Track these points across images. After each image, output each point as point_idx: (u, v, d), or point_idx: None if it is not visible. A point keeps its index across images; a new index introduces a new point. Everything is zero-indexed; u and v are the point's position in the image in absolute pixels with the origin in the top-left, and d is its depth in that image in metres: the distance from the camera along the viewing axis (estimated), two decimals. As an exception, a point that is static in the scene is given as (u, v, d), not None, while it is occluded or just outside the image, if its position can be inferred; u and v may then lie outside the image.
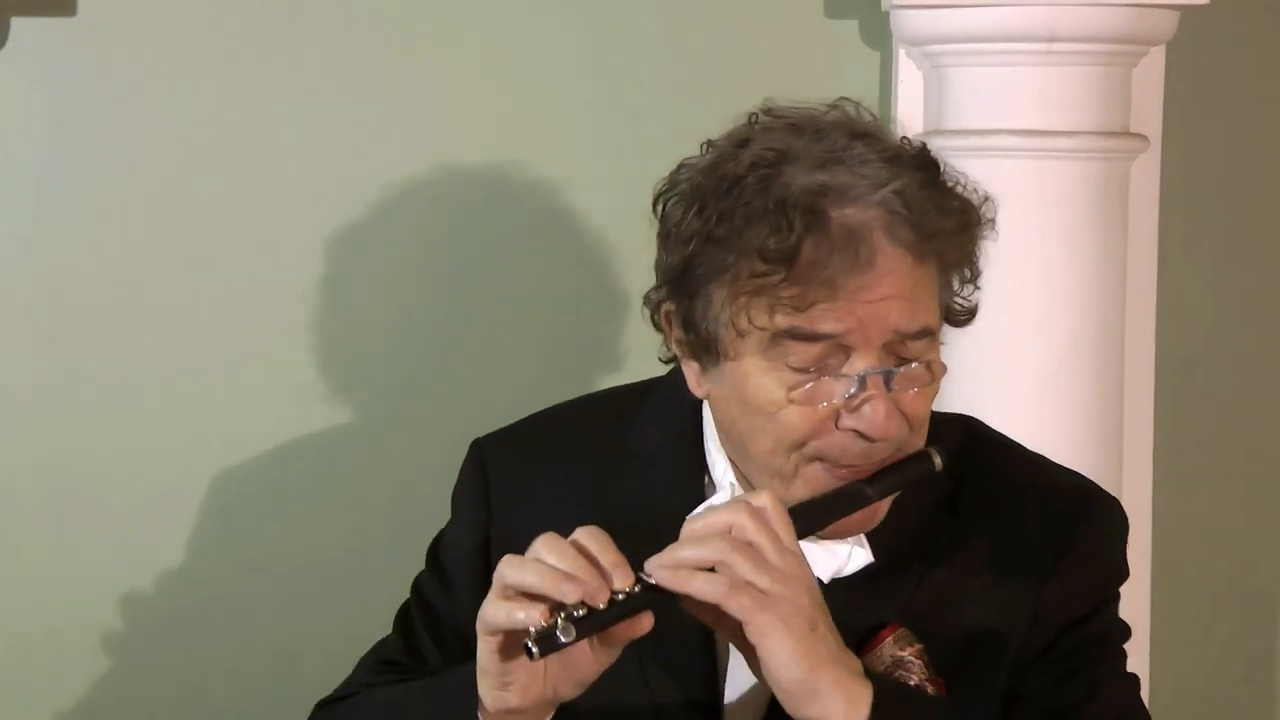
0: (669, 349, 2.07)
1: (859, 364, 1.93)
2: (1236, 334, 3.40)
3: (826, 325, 1.91)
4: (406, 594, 2.28)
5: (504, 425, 2.26)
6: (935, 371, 1.99)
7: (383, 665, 2.25)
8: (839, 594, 2.01)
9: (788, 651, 1.86)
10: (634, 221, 2.12)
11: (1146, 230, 3.20)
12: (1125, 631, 2.15)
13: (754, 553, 1.88)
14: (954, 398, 3.02)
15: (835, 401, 1.94)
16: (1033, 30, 2.95)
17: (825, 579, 2.03)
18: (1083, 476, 2.18)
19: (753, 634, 1.87)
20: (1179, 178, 3.27)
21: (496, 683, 1.92)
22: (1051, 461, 2.20)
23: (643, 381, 2.23)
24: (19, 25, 3.04)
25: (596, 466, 2.15)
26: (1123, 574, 2.15)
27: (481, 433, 2.26)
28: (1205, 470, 3.41)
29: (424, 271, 3.15)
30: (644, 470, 2.11)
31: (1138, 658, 3.21)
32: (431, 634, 2.21)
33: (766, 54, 3.14)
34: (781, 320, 1.92)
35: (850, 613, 2.01)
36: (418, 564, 2.28)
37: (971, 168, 2.95)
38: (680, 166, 2.02)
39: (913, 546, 2.06)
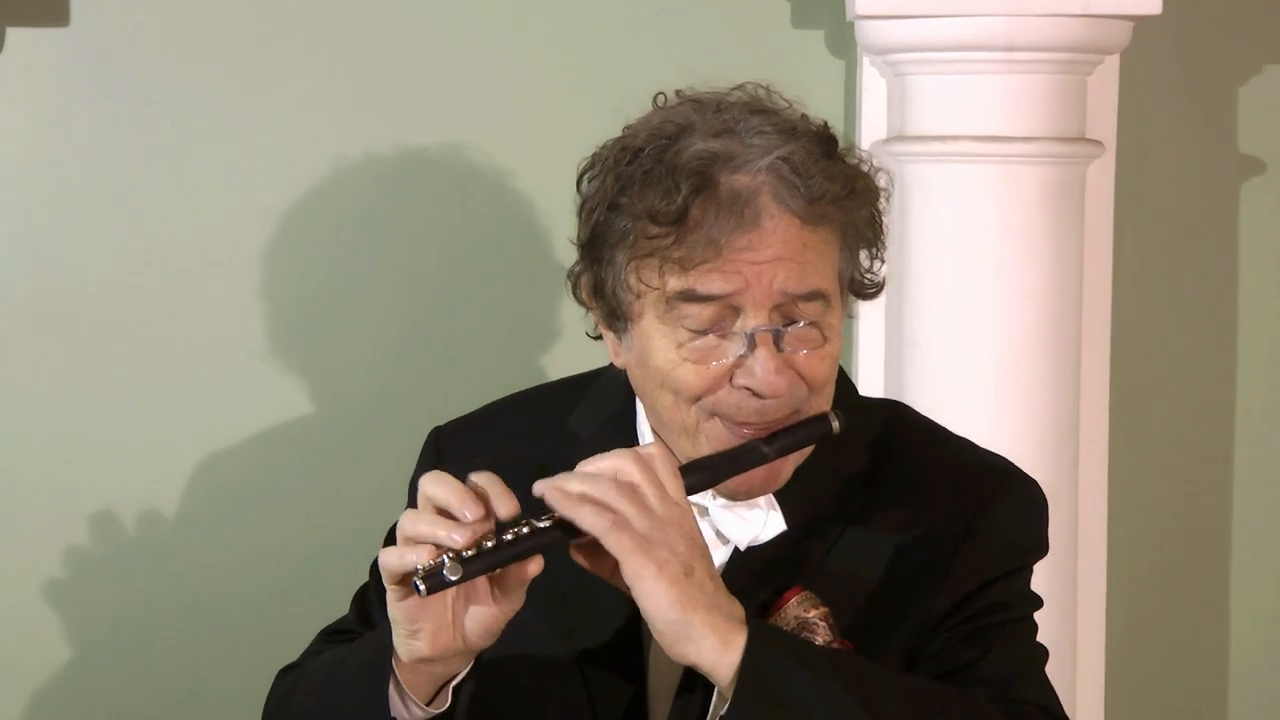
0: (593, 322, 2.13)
1: (749, 323, 1.98)
2: (1189, 333, 3.43)
3: (714, 286, 1.96)
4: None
5: (462, 414, 2.31)
6: (828, 335, 2.02)
7: (336, 634, 2.29)
8: (752, 561, 2.07)
9: (660, 593, 1.88)
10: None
11: (1102, 232, 3.22)
12: (1034, 601, 2.15)
13: (636, 496, 1.91)
14: (915, 396, 3.09)
15: (727, 360, 1.99)
16: (992, 40, 2.98)
17: (742, 546, 2.08)
18: (1003, 458, 2.20)
19: (628, 574, 1.89)
20: (1133, 182, 3.30)
21: (406, 631, 1.95)
22: (974, 444, 2.22)
23: (590, 371, 2.26)
24: (13, 35, 3.04)
25: (541, 451, 2.17)
26: (1034, 549, 2.16)
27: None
28: (1159, 465, 3.44)
29: (407, 273, 3.18)
30: (583, 452, 2.11)
31: (1093, 645, 3.27)
32: (384, 607, 2.18)
33: (734, 63, 3.01)
34: (673, 282, 1.98)
35: (761, 578, 2.06)
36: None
37: (933, 172, 3.06)
38: (601, 146, 2.08)
39: (825, 516, 2.09)
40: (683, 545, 1.91)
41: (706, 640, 1.90)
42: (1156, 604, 3.46)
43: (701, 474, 2.00)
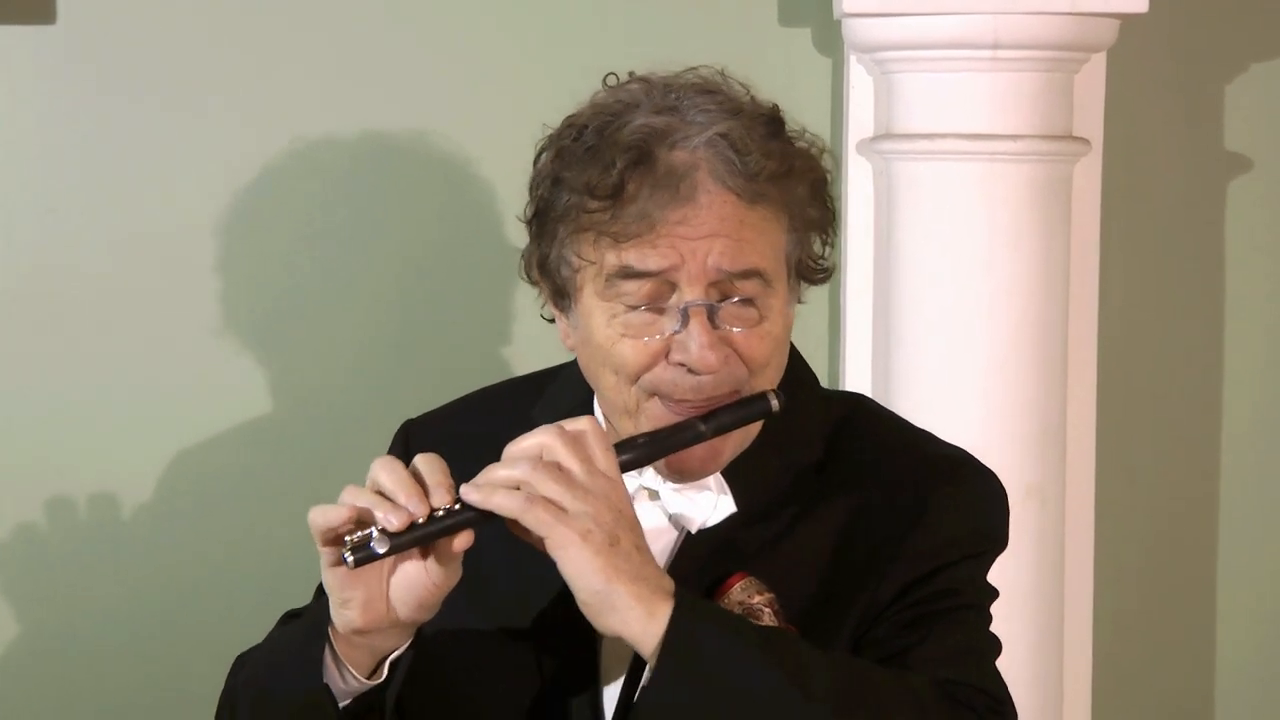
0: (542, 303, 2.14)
1: (684, 298, 1.98)
2: (1176, 330, 3.43)
3: (649, 262, 1.97)
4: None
5: (433, 407, 2.33)
6: (766, 314, 2.02)
7: (292, 616, 2.30)
8: (702, 543, 2.08)
9: (583, 562, 1.88)
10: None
11: (1088, 230, 3.23)
12: (985, 590, 2.13)
13: (559, 472, 1.91)
14: (901, 393, 3.10)
15: (664, 335, 1.99)
16: (978, 38, 2.98)
17: (693, 530, 2.08)
18: (962, 449, 2.18)
19: (551, 548, 1.89)
20: (1120, 179, 3.30)
21: (338, 600, 1.97)
22: (934, 436, 2.21)
23: (558, 365, 2.26)
24: (0, 33, 3.04)
25: (504, 442, 2.15)
26: (988, 538, 2.13)
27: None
28: (1146, 463, 3.44)
29: (388, 268, 3.18)
30: None
31: (1080, 645, 3.28)
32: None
33: (720, 61, 3.01)
34: (610, 257, 1.99)
35: (710, 561, 2.06)
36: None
37: (920, 170, 3.07)
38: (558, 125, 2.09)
39: (776, 502, 2.09)
40: (608, 516, 1.91)
41: (632, 611, 1.90)
42: (1143, 603, 3.46)
43: (637, 450, 2.00)
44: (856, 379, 3.21)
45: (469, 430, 2.24)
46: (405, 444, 2.27)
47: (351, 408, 3.18)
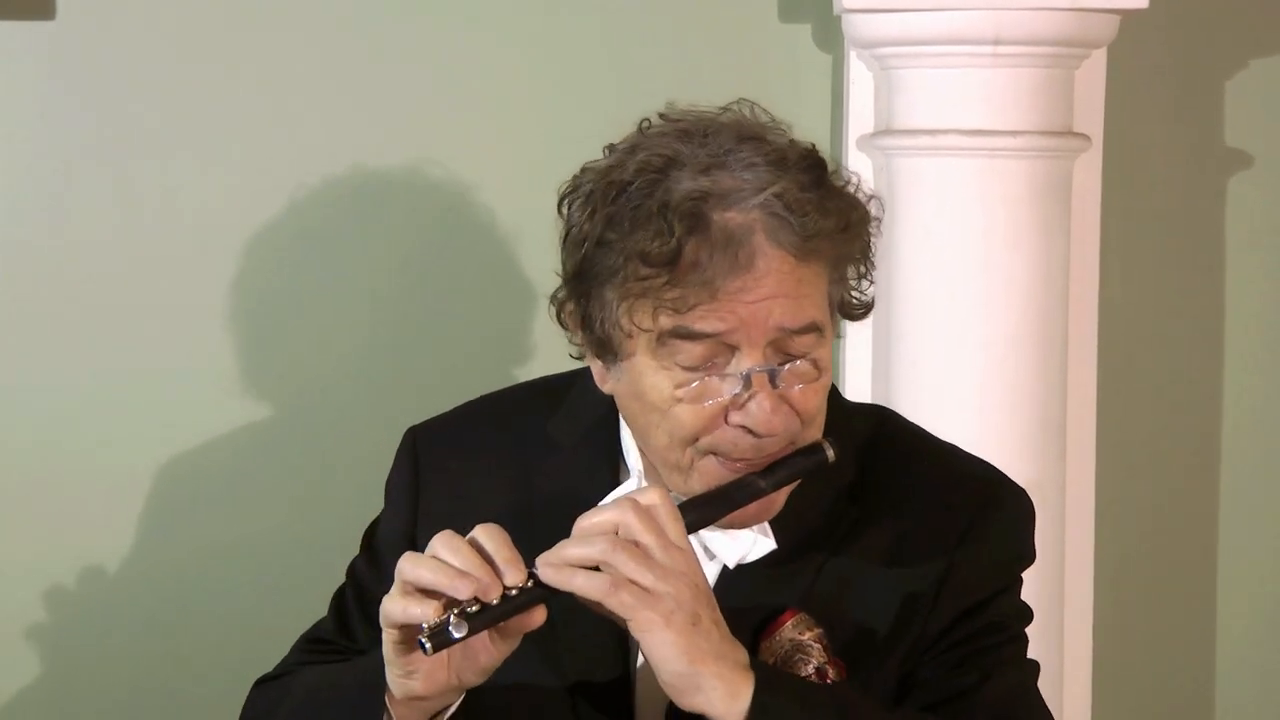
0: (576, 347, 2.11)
1: (745, 362, 1.96)
2: (1176, 327, 3.43)
3: (708, 325, 1.94)
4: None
5: (438, 414, 2.29)
6: (822, 367, 2.01)
7: (316, 644, 2.29)
8: (743, 580, 2.07)
9: (669, 645, 1.89)
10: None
11: (1089, 226, 3.23)
12: (1025, 615, 2.15)
13: (638, 551, 1.90)
14: (901, 390, 3.10)
15: (723, 399, 1.97)
16: (979, 34, 2.98)
17: (731, 564, 2.07)
18: (991, 466, 2.18)
19: (635, 629, 1.89)
20: (1120, 176, 3.30)
21: (401, 672, 1.96)
22: (962, 451, 2.20)
23: (569, 372, 2.23)
24: (-1, 28, 3.04)
25: (520, 457, 2.18)
26: (1025, 560, 2.15)
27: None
28: (1146, 460, 3.44)
29: (386, 271, 3.18)
30: (563, 459, 2.13)
31: (1080, 640, 3.28)
32: (363, 615, 2.23)
33: (722, 57, 3.17)
34: (665, 321, 1.94)
35: (752, 598, 2.05)
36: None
37: (920, 166, 3.07)
38: (583, 170, 2.04)
39: (815, 534, 2.08)
40: (688, 594, 1.91)
41: (715, 691, 1.91)
42: (1143, 598, 3.47)
43: (700, 511, 1.99)
44: (856, 374, 3.21)
45: (480, 441, 2.22)
46: (413, 452, 2.25)
47: (352, 409, 3.18)
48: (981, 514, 2.11)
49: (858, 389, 3.19)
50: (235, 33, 3.11)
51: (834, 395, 2.14)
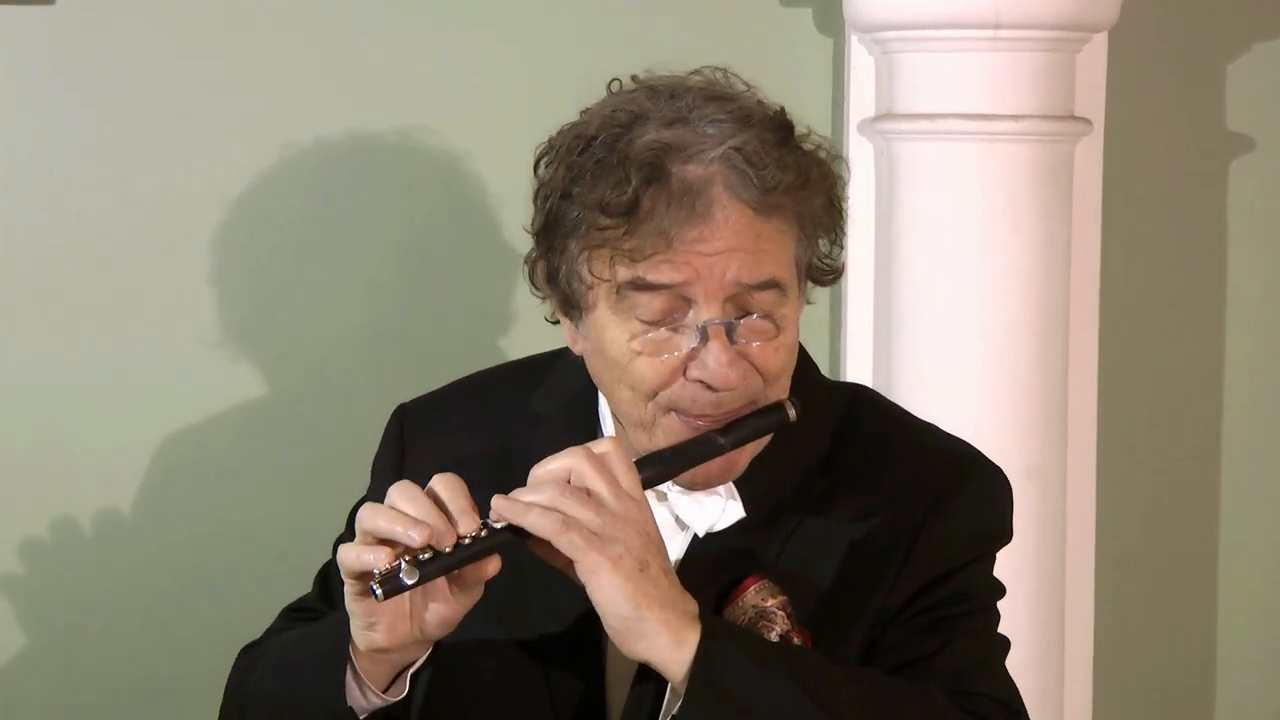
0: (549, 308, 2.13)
1: (702, 315, 1.97)
2: (1177, 311, 3.44)
3: (663, 276, 1.95)
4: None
5: (427, 391, 2.32)
6: (782, 325, 2.01)
7: (299, 613, 2.30)
8: (711, 547, 2.07)
9: (614, 589, 1.89)
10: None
11: (1090, 210, 3.23)
12: (996, 590, 2.14)
13: (588, 496, 1.91)
14: (901, 375, 3.10)
15: (681, 353, 1.98)
16: (980, 17, 2.98)
17: (700, 533, 2.08)
18: (967, 444, 2.18)
19: (582, 572, 1.90)
20: (1121, 160, 3.30)
21: (363, 623, 1.96)
22: (939, 429, 2.21)
23: (552, 351, 2.26)
24: (-2, 14, 3.04)
25: (502, 431, 2.19)
26: (997, 536, 2.14)
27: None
28: (1147, 445, 3.45)
29: (376, 255, 3.18)
30: (543, 432, 2.14)
31: (1081, 628, 3.28)
32: (344, 586, 2.23)
33: (723, 41, 3.15)
34: (623, 272, 1.97)
35: (719, 565, 2.06)
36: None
37: (921, 150, 3.07)
38: (559, 131, 2.06)
39: (784, 503, 2.09)
40: (637, 541, 1.92)
41: (660, 637, 1.91)
42: (1144, 585, 3.47)
43: (657, 467, 2.00)
44: (857, 360, 3.21)
45: (465, 416, 2.24)
46: (400, 429, 2.27)
47: (351, 392, 3.17)
48: (951, 487, 2.10)
49: (859, 375, 3.19)
50: (236, 18, 3.10)
51: (812, 372, 2.16)
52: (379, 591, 1.90)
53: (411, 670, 2.04)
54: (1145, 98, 3.35)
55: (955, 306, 3.06)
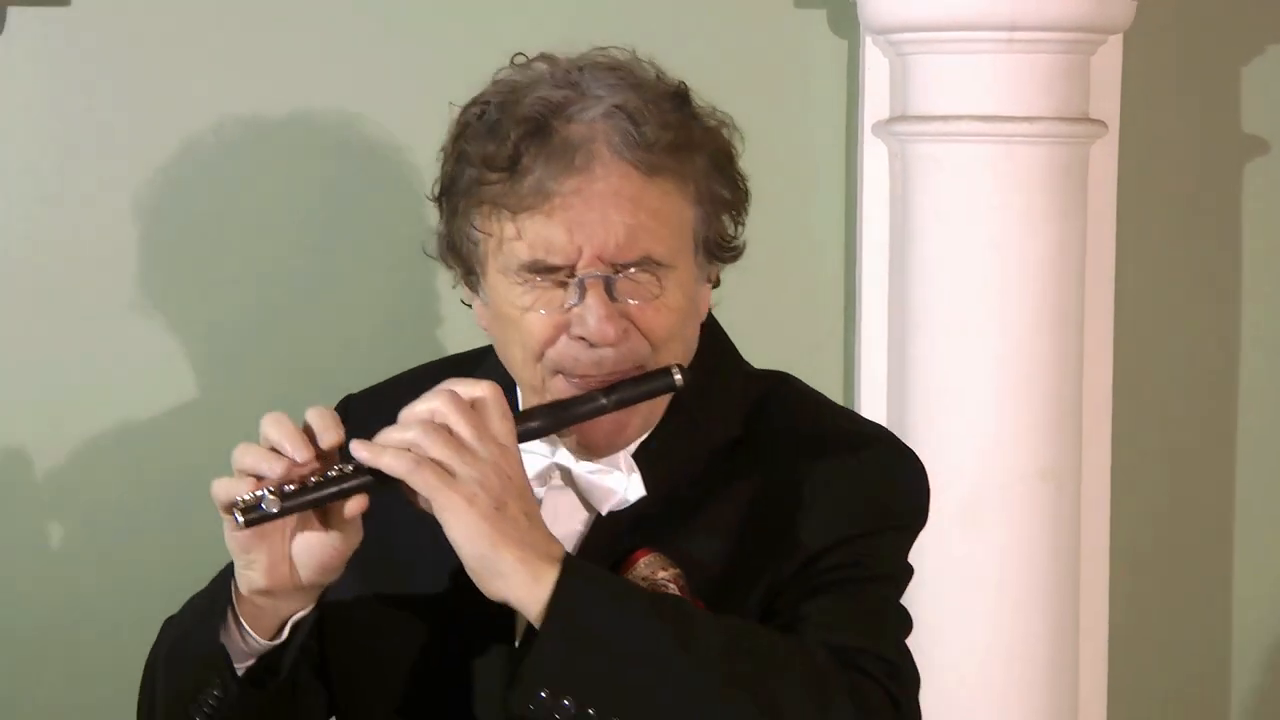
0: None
1: (580, 270, 1.99)
2: (1192, 313, 3.43)
3: (542, 229, 1.98)
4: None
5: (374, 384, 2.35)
6: (666, 286, 2.02)
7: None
8: (613, 524, 2.09)
9: (469, 527, 1.89)
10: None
11: (1105, 212, 3.23)
12: (899, 567, 2.13)
13: (448, 435, 1.92)
14: (917, 378, 3.10)
15: (564, 308, 2.00)
16: (995, 19, 2.98)
17: (603, 512, 2.09)
18: (883, 428, 2.20)
19: (437, 510, 1.91)
20: (1136, 161, 3.30)
21: (242, 562, 1.99)
22: (857, 415, 2.21)
23: (485, 346, 2.25)
24: (15, 15, 3.03)
25: None
26: (900, 514, 2.13)
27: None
28: (1162, 446, 3.44)
29: (381, 255, 3.17)
30: None
31: (1096, 628, 3.28)
32: None
33: (738, 42, 3.16)
34: (508, 228, 2.00)
35: (617, 541, 2.07)
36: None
37: (936, 152, 3.07)
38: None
39: (685, 482, 2.10)
40: (495, 481, 1.92)
41: (516, 575, 1.90)
42: (1159, 586, 3.47)
43: (537, 419, 2.02)
44: (871, 362, 3.21)
45: (400, 405, 2.21)
46: (345, 416, 2.23)
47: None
48: (853, 461, 2.10)
49: (873, 375, 3.20)
50: (247, 17, 3.11)
51: (733, 358, 2.19)
52: (241, 519, 1.93)
53: (294, 620, 2.05)
54: (1160, 100, 3.35)
55: (969, 308, 3.06)
